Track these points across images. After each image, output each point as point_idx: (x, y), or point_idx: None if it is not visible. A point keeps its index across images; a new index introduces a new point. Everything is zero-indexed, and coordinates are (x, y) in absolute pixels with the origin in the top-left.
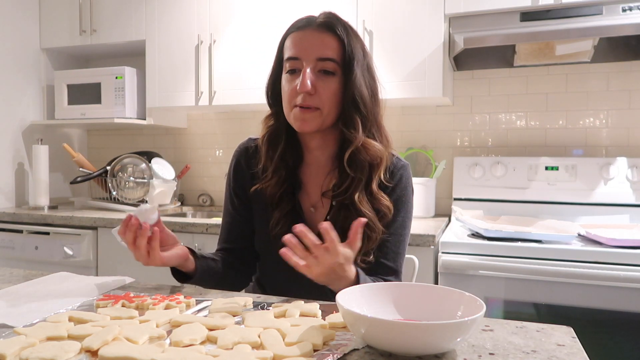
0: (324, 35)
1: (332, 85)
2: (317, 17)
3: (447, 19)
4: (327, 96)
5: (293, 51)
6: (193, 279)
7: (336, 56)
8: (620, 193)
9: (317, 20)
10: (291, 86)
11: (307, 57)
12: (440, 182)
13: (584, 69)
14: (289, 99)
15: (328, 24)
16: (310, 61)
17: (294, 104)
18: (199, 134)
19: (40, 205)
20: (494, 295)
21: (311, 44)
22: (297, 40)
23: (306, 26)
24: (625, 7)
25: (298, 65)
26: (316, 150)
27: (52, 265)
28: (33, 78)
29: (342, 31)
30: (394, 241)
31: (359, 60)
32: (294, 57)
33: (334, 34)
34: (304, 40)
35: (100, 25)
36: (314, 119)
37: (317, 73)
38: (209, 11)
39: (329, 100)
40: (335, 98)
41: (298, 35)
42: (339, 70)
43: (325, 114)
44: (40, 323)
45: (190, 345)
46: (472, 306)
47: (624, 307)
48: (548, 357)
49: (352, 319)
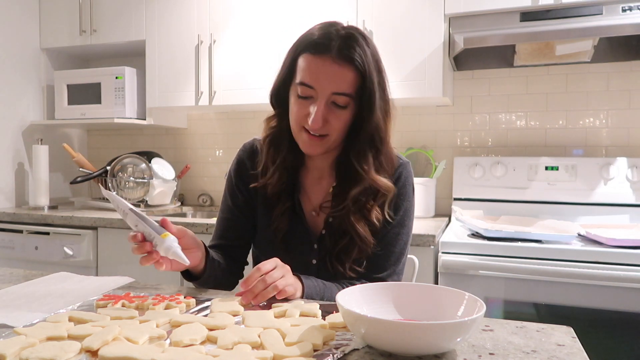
0: (342, 68)
1: (343, 117)
2: (337, 39)
3: (447, 19)
4: (337, 126)
5: (308, 79)
6: (199, 280)
7: (352, 90)
8: (620, 193)
9: (336, 46)
10: (302, 111)
11: (322, 89)
12: (440, 182)
13: (584, 69)
14: (298, 120)
15: (347, 56)
16: (325, 95)
17: (303, 126)
18: (199, 134)
19: (40, 205)
20: (494, 295)
21: (328, 76)
22: (313, 68)
23: (324, 52)
24: (625, 7)
25: (311, 94)
26: (318, 159)
27: (52, 266)
28: (33, 78)
29: (360, 61)
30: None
31: (376, 92)
32: (309, 86)
33: (352, 65)
34: (321, 71)
35: (100, 25)
36: (321, 145)
37: (330, 104)
38: (209, 11)
39: (338, 129)
40: (344, 127)
41: (315, 63)
42: (353, 102)
43: (332, 140)
44: (40, 323)
45: (190, 345)
46: (472, 306)
47: (624, 307)
48: (548, 357)
49: (352, 319)
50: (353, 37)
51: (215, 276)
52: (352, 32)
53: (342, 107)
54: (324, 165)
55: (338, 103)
